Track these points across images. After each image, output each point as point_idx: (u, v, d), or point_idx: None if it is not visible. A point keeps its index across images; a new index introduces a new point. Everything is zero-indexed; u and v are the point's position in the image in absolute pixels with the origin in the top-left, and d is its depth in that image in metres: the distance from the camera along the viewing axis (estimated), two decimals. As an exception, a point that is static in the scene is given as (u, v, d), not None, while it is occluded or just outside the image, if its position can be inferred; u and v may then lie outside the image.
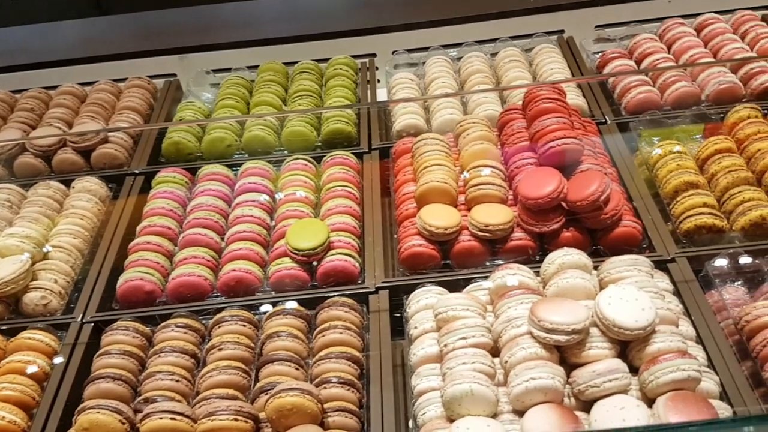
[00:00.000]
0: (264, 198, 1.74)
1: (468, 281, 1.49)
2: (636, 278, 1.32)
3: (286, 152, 1.93)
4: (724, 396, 1.26)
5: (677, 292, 1.44)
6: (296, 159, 1.81)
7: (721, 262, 1.49)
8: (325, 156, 1.84)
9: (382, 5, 2.49)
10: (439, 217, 1.56)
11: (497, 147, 1.73)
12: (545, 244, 1.57)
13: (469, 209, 1.60)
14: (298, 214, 1.66)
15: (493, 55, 2.17)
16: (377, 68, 2.29)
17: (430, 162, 1.65)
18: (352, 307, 1.45)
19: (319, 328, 1.42)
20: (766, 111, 1.80)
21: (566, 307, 1.23)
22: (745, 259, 1.49)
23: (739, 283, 1.49)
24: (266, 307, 1.51)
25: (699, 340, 1.35)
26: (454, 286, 1.49)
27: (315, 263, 1.57)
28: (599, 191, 1.49)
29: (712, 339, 1.34)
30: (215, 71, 2.29)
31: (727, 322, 1.39)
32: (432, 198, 1.60)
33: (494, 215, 1.55)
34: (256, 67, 2.23)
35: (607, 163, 1.72)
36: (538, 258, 1.54)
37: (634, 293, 1.24)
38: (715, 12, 2.17)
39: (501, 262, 1.57)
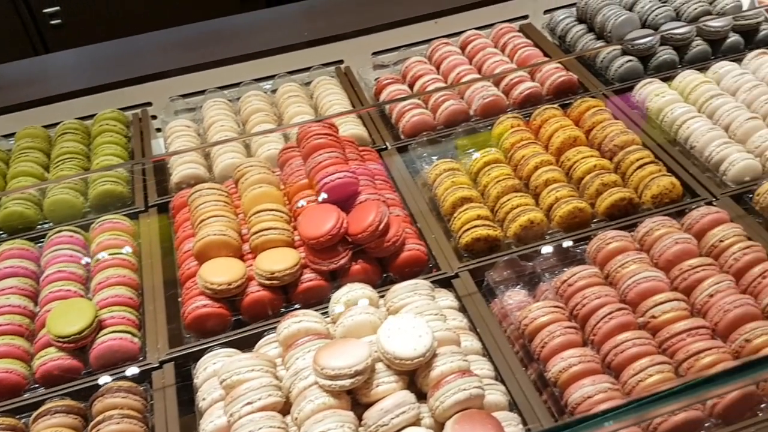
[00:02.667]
0: (26, 281, 1.55)
1: (262, 335, 1.42)
2: (417, 303, 1.32)
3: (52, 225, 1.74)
4: (513, 405, 1.29)
5: (463, 308, 1.47)
6: (60, 231, 1.63)
7: (499, 270, 1.54)
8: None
9: (156, 51, 2.38)
10: (221, 272, 1.47)
11: (280, 188, 1.68)
12: (338, 280, 1.54)
13: (255, 258, 1.54)
14: (63, 294, 1.48)
15: (274, 91, 2.13)
16: (155, 117, 2.16)
17: (207, 214, 1.56)
18: (131, 391, 1.32)
19: (93, 423, 1.26)
20: (527, 117, 1.93)
21: (348, 349, 1.20)
22: (521, 263, 1.56)
23: (520, 286, 1.55)
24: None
25: (486, 352, 1.38)
26: (248, 344, 1.42)
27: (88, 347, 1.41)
28: (377, 220, 1.49)
29: (497, 349, 1.38)
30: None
31: (512, 328, 1.44)
32: (212, 253, 1.51)
33: (279, 261, 1.49)
34: (12, 134, 2.01)
35: (390, 189, 1.73)
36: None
37: (410, 321, 1.23)
38: (477, 28, 2.31)
39: (298, 306, 1.52)
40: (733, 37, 2.07)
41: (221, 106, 2.04)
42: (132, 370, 1.38)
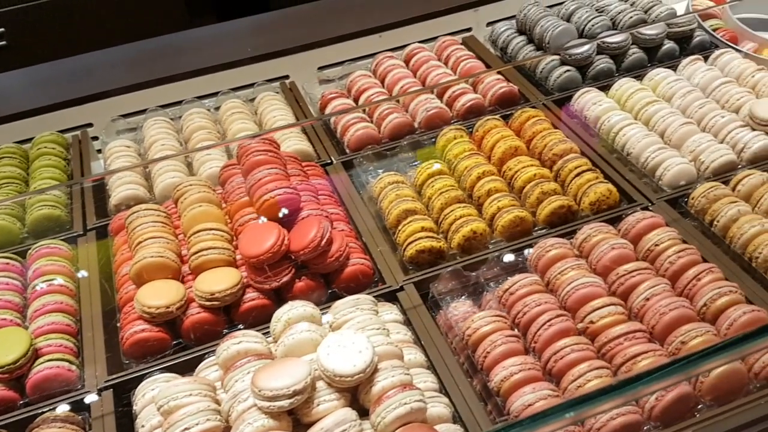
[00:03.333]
0: (-43, 313, 1.49)
1: (204, 358, 1.40)
2: (359, 318, 1.32)
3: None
4: (457, 417, 1.29)
5: (408, 321, 1.47)
6: (-7, 259, 1.59)
7: (443, 281, 1.55)
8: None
9: (100, 70, 2.34)
10: (160, 295, 1.44)
11: (221, 206, 1.66)
12: (282, 297, 1.53)
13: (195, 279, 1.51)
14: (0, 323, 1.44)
15: (217, 109, 2.11)
16: (97, 138, 2.12)
17: (144, 236, 1.53)
18: (68, 420, 1.28)
19: (26, 456, 1.23)
20: (471, 129, 1.95)
21: (287, 369, 1.19)
22: (465, 274, 1.57)
23: (464, 297, 1.56)
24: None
25: (430, 364, 1.38)
26: (190, 367, 1.39)
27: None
28: (318, 236, 1.48)
29: (442, 361, 1.38)
30: None
31: (457, 340, 1.45)
32: (150, 275, 1.48)
33: (220, 281, 1.47)
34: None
35: (335, 204, 1.73)
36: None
37: (350, 337, 1.23)
38: (421, 41, 2.33)
39: (241, 327, 1.50)
40: (668, 44, 2.13)
41: (162, 124, 2.01)
42: (70, 399, 1.34)
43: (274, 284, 1.48)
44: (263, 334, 1.38)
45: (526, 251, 1.61)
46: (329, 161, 1.89)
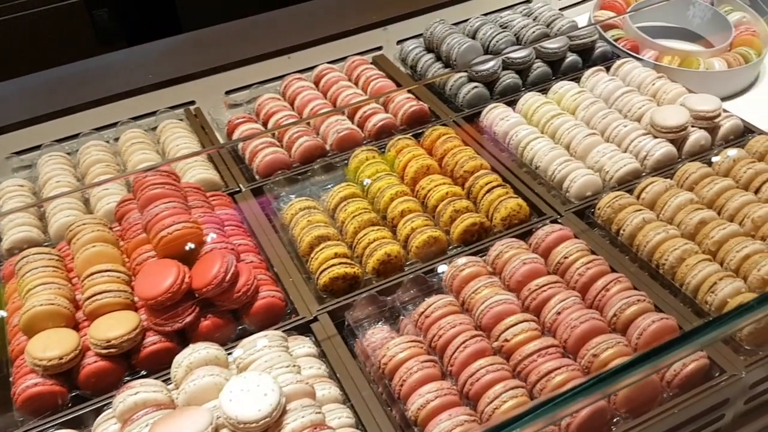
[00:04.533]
0: None
1: (102, 410, 1.30)
2: (266, 357, 1.26)
3: None
4: (373, 451, 1.25)
5: (322, 353, 1.42)
6: None
7: (359, 308, 1.51)
8: None
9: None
10: (51, 345, 1.34)
11: (118, 245, 1.57)
12: (187, 338, 1.44)
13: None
14: None
15: (117, 140, 2.01)
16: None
17: (34, 282, 1.42)
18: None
19: None
20: (383, 149, 1.92)
21: (187, 419, 1.11)
22: (380, 299, 1.53)
23: (381, 323, 1.52)
24: None
25: (346, 398, 1.33)
26: (90, 421, 1.29)
27: None
28: (222, 271, 1.41)
29: (358, 393, 1.33)
30: None
31: (374, 369, 1.40)
32: (40, 325, 1.37)
33: (116, 326, 1.38)
34: None
35: (244, 234, 1.66)
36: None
37: (255, 379, 1.16)
38: (331, 61, 2.30)
39: (144, 374, 1.41)
40: (571, 57, 2.17)
41: (58, 160, 1.89)
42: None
43: (176, 326, 1.40)
44: (166, 380, 1.30)
45: (441, 270, 1.59)
46: (237, 189, 1.83)
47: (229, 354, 1.34)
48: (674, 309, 1.40)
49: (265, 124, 2.04)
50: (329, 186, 1.86)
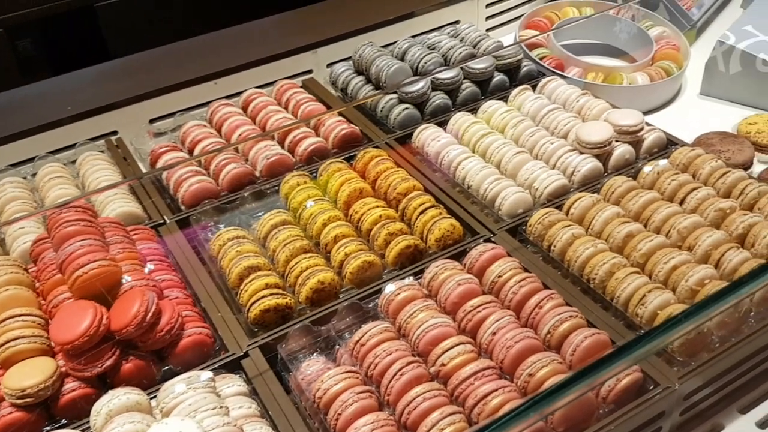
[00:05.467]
0: None
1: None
2: (190, 401, 1.19)
3: None
4: (309, 490, 1.19)
5: (254, 390, 1.36)
6: None
7: (292, 340, 1.46)
8: None
9: None
10: (-45, 401, 1.24)
11: (34, 287, 1.47)
12: (108, 383, 1.36)
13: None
14: None
15: (34, 175, 1.91)
16: None
17: (-64, 334, 1.32)
18: None
19: None
20: (315, 173, 1.89)
21: (104, 473, 1.04)
22: (314, 329, 1.48)
23: (316, 354, 1.48)
24: None
25: (279, 436, 1.28)
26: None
27: None
28: (142, 310, 1.33)
29: (292, 431, 1.28)
30: None
31: (309, 403, 1.35)
32: (-57, 380, 1.27)
33: (31, 374, 1.28)
34: None
35: (168, 269, 1.59)
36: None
37: (177, 425, 1.10)
38: (260, 86, 2.26)
39: (65, 422, 1.32)
40: (498, 77, 2.20)
41: (-31, 199, 1.78)
42: None
43: (95, 370, 1.31)
44: (85, 430, 1.22)
45: (377, 295, 1.56)
46: (161, 221, 1.75)
47: (153, 398, 1.26)
48: (606, 323, 1.41)
49: (191, 153, 1.97)
50: (260, 214, 1.81)
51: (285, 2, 2.79)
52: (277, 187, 1.86)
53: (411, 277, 1.57)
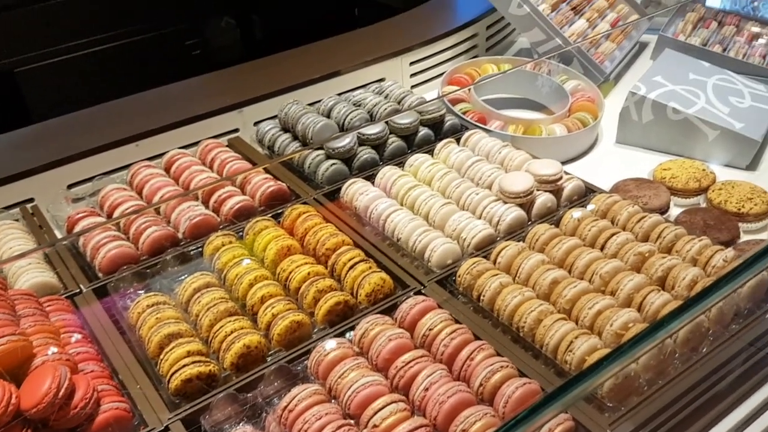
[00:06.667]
0: None
1: None
2: (103, 484, 1.10)
3: None
4: None
5: (175, 467, 1.27)
6: None
7: (216, 410, 1.38)
8: None
9: None
10: None
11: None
12: (15, 470, 1.25)
13: None
14: None
15: (-62, 247, 1.79)
16: None
17: None
18: None
19: None
20: (241, 233, 1.85)
21: None
22: (240, 397, 1.42)
23: (243, 423, 1.40)
24: None
25: None
26: None
27: None
28: (54, 387, 1.24)
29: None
30: None
31: (236, 476, 1.27)
32: None
33: None
34: None
35: (84, 341, 1.50)
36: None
37: None
38: (182, 147, 2.22)
39: None
40: (423, 131, 2.24)
41: None
42: None
43: (1, 456, 1.21)
44: None
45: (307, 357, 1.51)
46: (77, 290, 1.66)
47: (62, 484, 1.16)
48: (537, 371, 1.40)
49: (110, 217, 1.90)
50: (183, 278, 1.74)
51: (214, 63, 2.80)
52: (201, 249, 1.80)
53: (342, 336, 1.54)
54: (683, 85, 2.38)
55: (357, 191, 1.97)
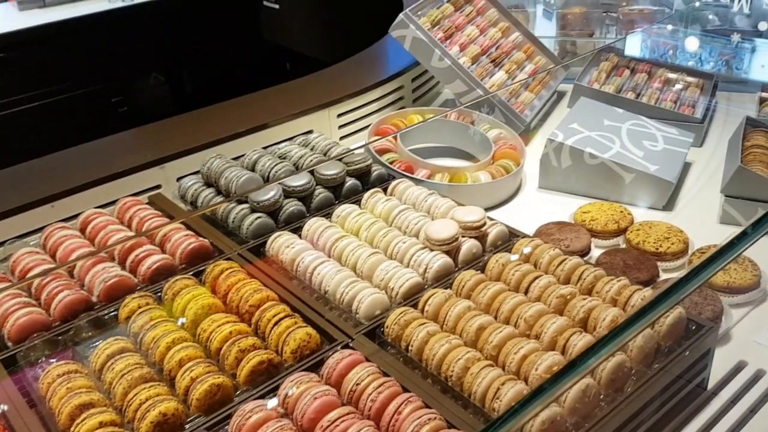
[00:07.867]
0: None
1: None
2: None
3: None
4: None
5: None
6: None
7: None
8: None
9: None
10: None
11: None
12: None
13: None
14: None
15: None
16: None
17: None
18: None
19: None
20: (159, 293, 1.77)
21: None
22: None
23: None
24: None
25: None
26: None
27: None
28: (-59, 474, 1.14)
29: None
30: None
31: None
32: None
33: None
34: None
35: (-17, 417, 1.39)
36: None
37: None
38: (101, 206, 2.14)
39: None
40: (350, 181, 2.23)
41: None
42: None
43: None
44: None
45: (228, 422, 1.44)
46: (-17, 363, 1.55)
47: None
48: (465, 422, 1.37)
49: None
50: (97, 344, 1.65)
51: (141, 119, 2.74)
52: (116, 313, 1.72)
53: (266, 396, 1.48)
54: (598, 131, 2.48)
55: (283, 244, 1.93)
